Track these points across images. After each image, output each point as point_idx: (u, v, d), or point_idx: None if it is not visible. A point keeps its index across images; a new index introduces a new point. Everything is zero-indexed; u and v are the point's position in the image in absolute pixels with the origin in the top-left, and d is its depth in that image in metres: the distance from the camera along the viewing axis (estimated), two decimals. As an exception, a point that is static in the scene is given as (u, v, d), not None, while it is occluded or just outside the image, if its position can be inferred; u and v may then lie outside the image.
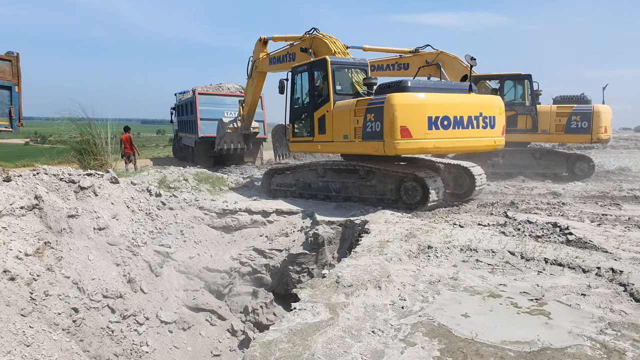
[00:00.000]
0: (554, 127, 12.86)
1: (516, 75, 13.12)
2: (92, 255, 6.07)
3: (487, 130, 8.16)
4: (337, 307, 3.73)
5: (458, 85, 8.45)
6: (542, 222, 6.52)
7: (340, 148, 8.72)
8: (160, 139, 60.49)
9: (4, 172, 6.44)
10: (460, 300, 3.97)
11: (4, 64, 10.80)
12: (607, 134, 12.68)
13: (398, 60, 13.18)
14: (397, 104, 7.31)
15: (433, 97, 7.61)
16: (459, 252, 5.36)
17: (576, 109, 12.64)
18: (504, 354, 2.99)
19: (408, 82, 7.66)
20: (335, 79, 8.70)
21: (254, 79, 12.23)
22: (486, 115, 8.11)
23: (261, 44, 11.62)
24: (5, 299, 4.53)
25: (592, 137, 12.46)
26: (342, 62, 8.94)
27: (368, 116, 7.74)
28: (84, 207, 6.58)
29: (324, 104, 8.81)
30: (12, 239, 5.31)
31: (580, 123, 12.52)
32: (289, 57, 10.60)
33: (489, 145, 8.39)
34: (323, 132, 8.83)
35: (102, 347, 5.34)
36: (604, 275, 4.51)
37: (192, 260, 7.39)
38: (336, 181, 9.07)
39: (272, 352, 3.01)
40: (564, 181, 12.19)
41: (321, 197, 9.25)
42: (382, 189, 8.41)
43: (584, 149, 18.75)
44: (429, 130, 7.43)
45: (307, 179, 9.58)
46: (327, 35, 9.73)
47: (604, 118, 12.42)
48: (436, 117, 7.47)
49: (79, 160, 9.83)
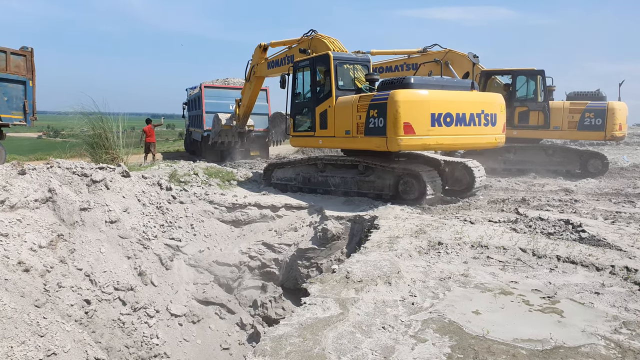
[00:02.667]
0: (566, 123, 12.63)
1: (529, 70, 12.93)
2: (104, 248, 6.13)
3: (489, 128, 8.25)
4: (347, 303, 3.72)
5: (460, 83, 8.52)
6: (554, 219, 6.44)
7: (341, 143, 8.77)
8: (170, 133, 60.84)
9: (18, 166, 6.52)
10: (471, 297, 3.95)
11: (18, 59, 10.93)
12: (622, 131, 12.42)
13: (406, 61, 13.26)
14: (401, 100, 7.34)
15: (436, 94, 7.66)
16: (469, 248, 5.32)
17: (590, 105, 12.41)
18: (516, 351, 2.97)
19: (411, 79, 7.70)
20: (337, 75, 8.74)
21: (252, 83, 12.45)
22: (488, 112, 8.18)
23: (261, 50, 11.74)
24: (20, 290, 4.60)
25: (605, 134, 12.23)
26: (345, 58, 8.98)
27: (371, 112, 7.77)
28: (96, 200, 6.65)
29: (326, 99, 8.83)
30: (26, 231, 5.39)
31: (594, 120, 12.27)
32: (287, 59, 10.71)
33: (490, 142, 8.48)
34: (325, 127, 8.89)
35: (113, 339, 5.41)
36: (618, 274, 4.45)
37: (202, 253, 7.44)
38: (335, 176, 9.14)
39: (282, 346, 3.02)
40: (577, 178, 12.03)
41: (320, 191, 9.36)
42: (381, 184, 8.47)
43: (596, 146, 18.46)
44: (432, 127, 7.48)
45: (307, 173, 9.67)
46: (326, 35, 9.85)
47: (619, 115, 12.16)
48: (439, 114, 7.52)
49: (91, 154, 9.92)
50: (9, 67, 10.76)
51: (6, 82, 10.76)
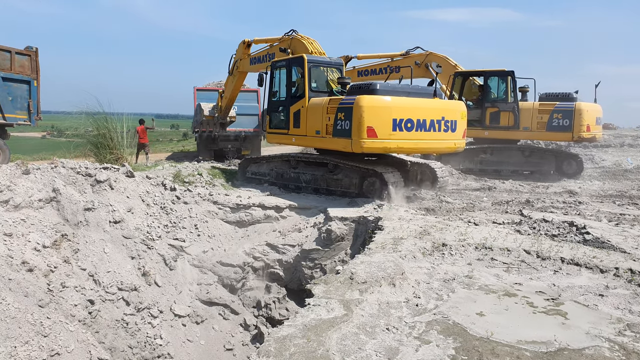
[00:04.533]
0: (535, 124, 12.61)
1: (500, 71, 13.03)
2: (108, 248, 6.15)
3: (448, 134, 8.60)
4: (351, 304, 3.72)
5: (424, 90, 8.93)
6: (558, 221, 6.42)
7: (312, 142, 9.24)
8: (174, 134, 60.90)
9: (23, 165, 6.55)
10: (475, 298, 3.94)
11: (23, 59, 10.96)
12: (590, 132, 12.20)
13: (390, 64, 13.66)
14: (365, 106, 7.74)
15: (399, 100, 8.05)
16: (473, 250, 5.30)
17: (558, 106, 12.32)
18: (520, 353, 2.96)
19: (377, 85, 8.07)
20: (311, 77, 9.16)
21: (234, 77, 12.69)
22: (448, 119, 8.53)
23: (244, 46, 11.95)
24: (24, 290, 4.62)
25: (573, 135, 12.15)
26: (318, 61, 9.39)
27: (339, 115, 8.21)
28: (100, 200, 6.67)
29: (300, 100, 9.27)
30: (30, 230, 5.41)
31: (562, 121, 12.21)
32: (268, 57, 11.02)
33: (449, 147, 8.83)
34: (297, 126, 9.33)
35: (117, 339, 5.42)
36: (622, 276, 4.43)
37: (205, 254, 7.45)
38: (307, 173, 9.58)
39: (286, 347, 3.02)
40: (552, 180, 11.98)
41: (292, 186, 9.79)
42: (347, 182, 8.92)
43: (590, 148, 18.36)
44: (393, 132, 7.88)
45: (281, 169, 10.13)
46: (306, 36, 10.16)
47: (586, 116, 12.01)
48: (400, 120, 7.90)
49: (96, 154, 9.95)
50: (14, 67, 10.80)
51: (11, 82, 10.80)
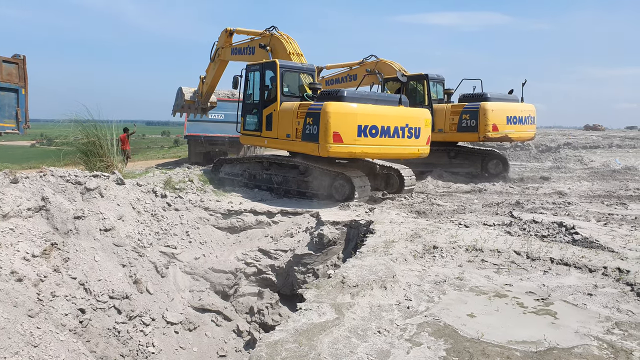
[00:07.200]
0: (448, 125, 12.77)
1: (416, 75, 13.30)
2: (99, 256, 6.10)
3: (412, 140, 8.92)
4: (342, 307, 3.73)
5: (390, 97, 9.26)
6: (547, 222, 6.49)
7: (283, 145, 9.53)
8: (165, 141, 60.69)
9: (11, 174, 6.48)
10: (466, 300, 3.97)
11: (10, 67, 10.86)
12: (497, 132, 12.18)
13: (349, 73, 14.26)
14: (332, 112, 8.05)
15: (364, 107, 8.36)
16: (464, 252, 5.34)
17: (467, 107, 12.43)
18: (510, 354, 2.99)
19: (345, 92, 8.38)
20: (283, 81, 9.47)
21: (215, 64, 12.82)
22: (412, 126, 8.86)
23: (227, 34, 12.06)
24: (13, 300, 4.57)
25: (479, 135, 12.22)
26: (291, 67, 9.65)
27: (307, 119, 8.49)
28: (90, 208, 6.62)
29: (272, 103, 9.60)
30: (19, 240, 5.35)
31: (470, 121, 12.32)
32: (248, 50, 11.23)
33: (412, 153, 9.18)
34: (270, 129, 9.64)
35: (108, 348, 5.37)
36: (610, 275, 4.49)
37: (197, 261, 7.41)
38: (279, 174, 9.86)
39: (278, 352, 3.02)
40: (481, 180, 12.11)
41: (264, 187, 10.00)
42: (317, 185, 9.23)
43: (583, 149, 18.60)
44: (358, 137, 8.19)
45: (253, 170, 10.40)
46: (285, 35, 10.34)
47: (491, 116, 12.00)
48: (365, 126, 8.21)
49: (85, 162, 9.86)
50: (1, 75, 10.69)
51: (-2, 91, 10.70)
